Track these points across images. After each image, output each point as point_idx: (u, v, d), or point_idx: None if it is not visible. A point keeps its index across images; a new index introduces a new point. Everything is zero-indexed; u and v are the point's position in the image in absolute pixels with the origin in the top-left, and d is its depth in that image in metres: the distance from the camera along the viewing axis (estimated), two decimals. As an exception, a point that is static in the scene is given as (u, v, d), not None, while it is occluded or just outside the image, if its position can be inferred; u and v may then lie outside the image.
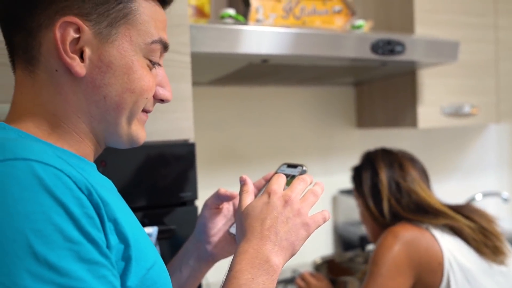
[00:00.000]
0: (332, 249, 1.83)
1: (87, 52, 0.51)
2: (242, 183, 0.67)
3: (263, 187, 0.73)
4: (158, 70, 0.59)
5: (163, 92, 0.59)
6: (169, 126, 0.89)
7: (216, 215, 0.75)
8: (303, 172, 0.69)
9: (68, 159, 0.49)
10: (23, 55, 0.52)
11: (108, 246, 0.47)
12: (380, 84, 1.73)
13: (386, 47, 1.24)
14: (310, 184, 0.66)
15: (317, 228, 0.62)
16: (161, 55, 0.59)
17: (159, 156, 0.88)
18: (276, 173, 0.72)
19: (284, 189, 0.63)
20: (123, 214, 0.51)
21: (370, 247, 1.64)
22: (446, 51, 1.38)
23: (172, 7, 0.88)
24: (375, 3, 1.70)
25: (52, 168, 0.44)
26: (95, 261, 0.44)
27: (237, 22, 1.20)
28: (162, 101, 0.60)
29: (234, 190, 0.75)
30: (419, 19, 1.52)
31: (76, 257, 0.43)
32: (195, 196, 0.91)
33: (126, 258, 0.49)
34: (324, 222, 0.63)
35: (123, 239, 0.49)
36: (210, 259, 0.75)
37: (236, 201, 0.76)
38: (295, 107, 1.74)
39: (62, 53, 0.50)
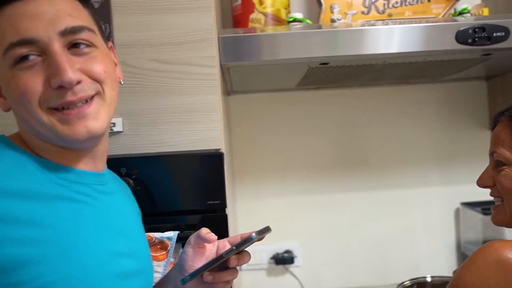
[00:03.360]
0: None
1: None
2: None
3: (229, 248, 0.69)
4: (44, 64, 0.57)
5: (54, 80, 0.57)
6: (197, 137, 0.93)
7: (198, 254, 0.72)
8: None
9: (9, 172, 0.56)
10: None
11: None
12: (514, 76, 1.42)
13: (479, 35, 1.03)
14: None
15: None
16: (32, 50, 0.57)
17: (188, 165, 0.93)
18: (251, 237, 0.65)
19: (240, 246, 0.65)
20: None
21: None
22: None
23: (198, 22, 0.93)
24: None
25: None
26: None
27: (305, 25, 1.17)
28: (62, 87, 0.57)
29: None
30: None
31: None
32: (224, 205, 0.93)
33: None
34: None
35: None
36: None
37: (222, 244, 0.74)
38: (407, 108, 1.56)
39: None
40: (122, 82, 0.71)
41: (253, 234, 0.64)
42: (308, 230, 1.55)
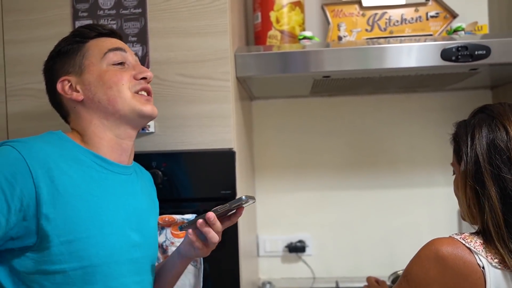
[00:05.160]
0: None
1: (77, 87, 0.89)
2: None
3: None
4: (129, 66, 0.91)
5: (139, 74, 0.89)
6: (214, 138, 1.13)
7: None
8: None
9: (62, 155, 0.80)
10: None
11: (20, 209, 0.73)
12: (513, 86, 1.53)
13: (462, 53, 1.17)
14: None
15: None
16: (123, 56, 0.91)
17: (206, 161, 1.14)
18: (241, 197, 0.86)
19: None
20: (69, 203, 0.77)
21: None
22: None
23: (216, 44, 1.13)
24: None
25: (14, 150, 0.75)
26: None
27: (313, 42, 1.35)
28: (144, 78, 0.90)
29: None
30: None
31: None
32: (234, 194, 1.13)
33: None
34: None
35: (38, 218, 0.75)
36: (180, 255, 0.96)
37: None
38: (415, 114, 1.70)
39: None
40: None
41: (243, 196, 0.85)
42: (320, 223, 1.72)
